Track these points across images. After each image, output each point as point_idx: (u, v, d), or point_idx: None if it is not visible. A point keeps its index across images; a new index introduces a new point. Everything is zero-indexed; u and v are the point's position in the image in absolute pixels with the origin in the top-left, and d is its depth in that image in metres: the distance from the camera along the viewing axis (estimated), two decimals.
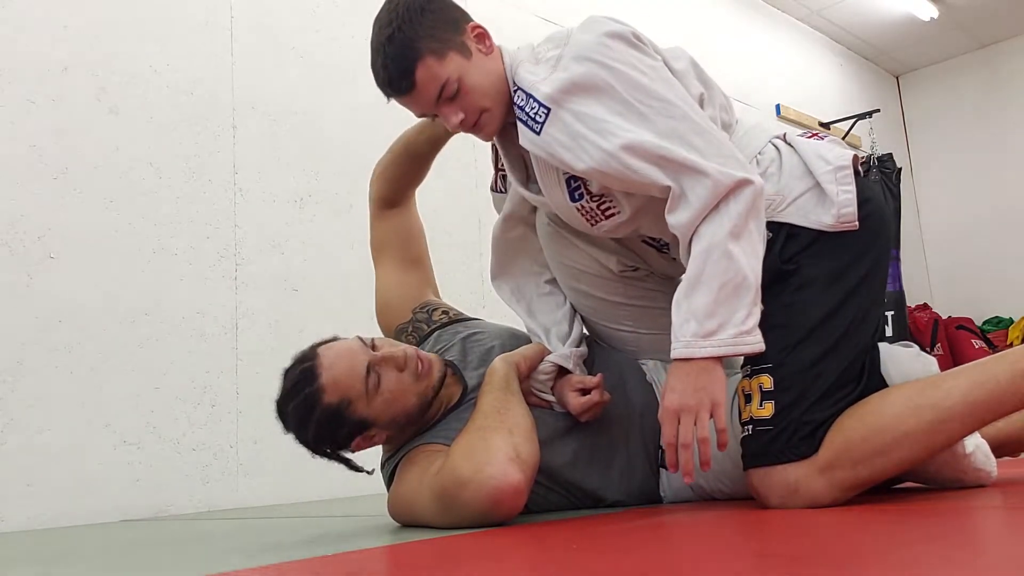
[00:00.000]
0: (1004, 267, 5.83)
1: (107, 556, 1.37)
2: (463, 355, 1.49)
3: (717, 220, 1.16)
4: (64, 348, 2.19)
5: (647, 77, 1.22)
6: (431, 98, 1.28)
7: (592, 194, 1.31)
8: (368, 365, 1.29)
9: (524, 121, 1.27)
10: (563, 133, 1.22)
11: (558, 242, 1.47)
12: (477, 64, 1.29)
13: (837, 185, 1.26)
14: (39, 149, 2.24)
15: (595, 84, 1.21)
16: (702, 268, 1.16)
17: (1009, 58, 6.04)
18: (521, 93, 1.28)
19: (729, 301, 1.15)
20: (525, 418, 1.29)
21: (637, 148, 1.18)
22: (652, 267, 1.49)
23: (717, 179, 1.16)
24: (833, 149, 1.31)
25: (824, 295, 1.23)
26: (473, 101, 1.29)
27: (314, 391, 1.28)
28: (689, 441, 1.15)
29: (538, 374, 1.42)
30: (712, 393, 1.15)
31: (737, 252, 1.15)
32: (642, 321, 1.51)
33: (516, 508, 1.19)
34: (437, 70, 1.26)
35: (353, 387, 1.28)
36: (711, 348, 1.15)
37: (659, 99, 1.21)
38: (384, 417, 1.32)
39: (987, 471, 1.29)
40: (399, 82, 1.27)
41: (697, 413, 1.15)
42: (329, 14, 2.97)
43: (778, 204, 1.28)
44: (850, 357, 1.22)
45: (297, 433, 1.33)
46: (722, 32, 4.88)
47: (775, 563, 0.77)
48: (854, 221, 1.24)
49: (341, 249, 2.85)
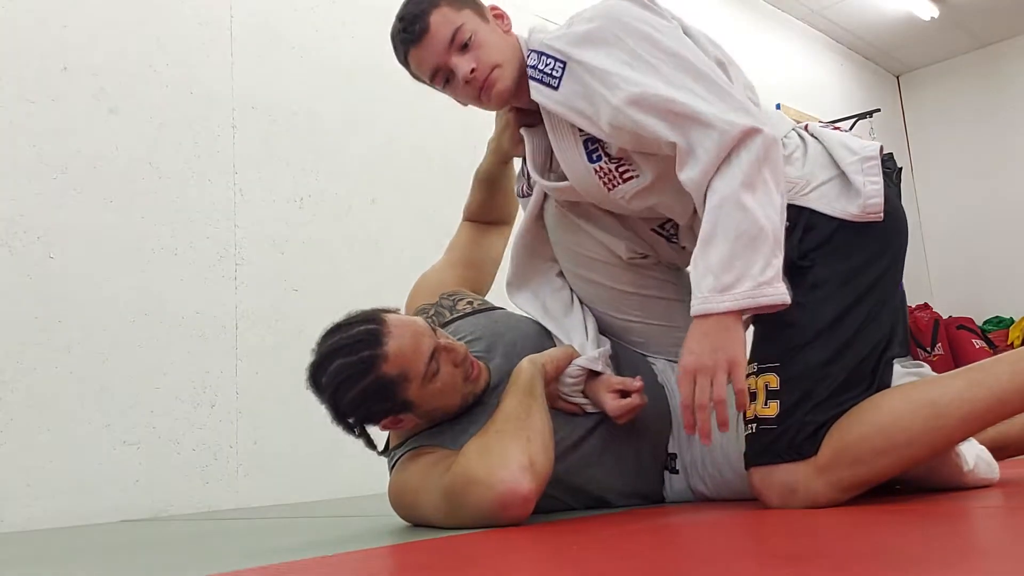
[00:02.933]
0: (1004, 267, 5.83)
1: (107, 556, 1.37)
2: (488, 349, 1.45)
3: (729, 173, 1.15)
4: (64, 348, 2.19)
5: (658, 32, 1.23)
6: (444, 42, 1.31)
7: (610, 156, 1.31)
8: (434, 350, 1.26)
9: (539, 79, 1.28)
10: (580, 85, 1.24)
11: (567, 227, 1.45)
12: (492, 29, 1.36)
13: (864, 176, 1.25)
14: (39, 149, 2.24)
15: (604, 37, 1.23)
16: (716, 222, 1.15)
17: (1009, 58, 6.03)
18: (534, 54, 1.30)
19: (745, 253, 1.12)
20: (544, 426, 1.26)
21: (642, 101, 1.18)
22: (661, 256, 1.47)
23: (723, 130, 1.15)
24: (859, 140, 1.31)
25: (835, 296, 1.22)
26: (485, 54, 1.31)
27: (375, 356, 1.22)
28: (705, 402, 1.12)
29: (566, 377, 1.39)
30: (730, 352, 1.12)
31: (751, 203, 1.13)
32: (650, 311, 1.49)
33: (523, 516, 1.18)
34: (452, 16, 1.31)
35: (415, 365, 1.24)
36: (729, 302, 1.12)
37: (667, 51, 1.21)
38: (427, 406, 1.29)
39: (990, 479, 1.29)
40: (413, 26, 1.31)
41: (714, 373, 1.12)
42: (329, 14, 2.97)
43: (802, 187, 1.26)
44: (858, 359, 1.21)
45: (334, 392, 1.23)
46: (722, 32, 4.86)
47: (775, 563, 0.77)
48: (880, 212, 1.23)
49: (341, 249, 2.85)
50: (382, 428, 1.31)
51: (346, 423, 1.27)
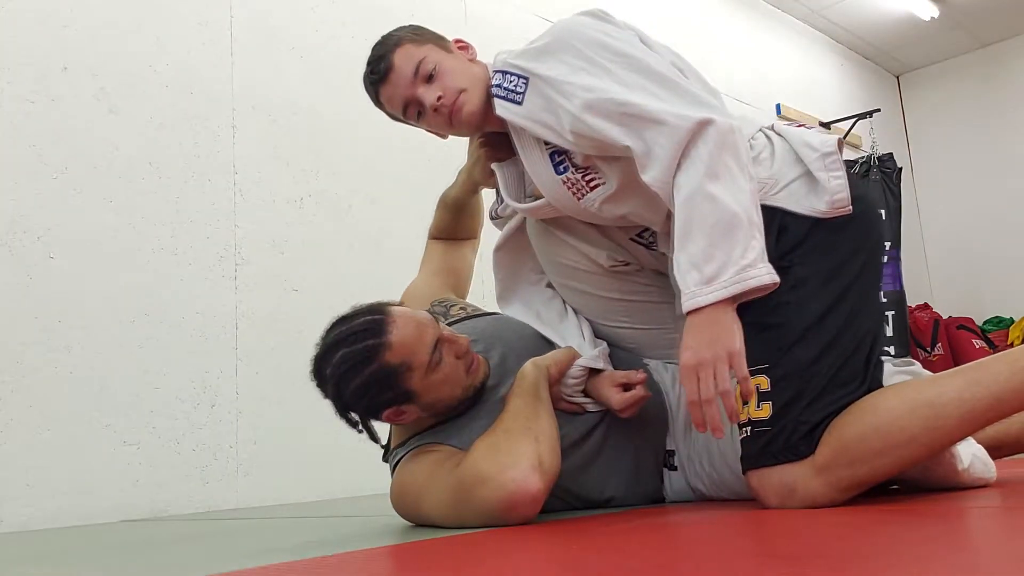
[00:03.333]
0: (1004, 267, 5.83)
1: (107, 556, 1.37)
2: (486, 349, 1.46)
3: (690, 166, 1.16)
4: (64, 348, 2.19)
5: (611, 38, 1.26)
6: (408, 76, 1.36)
7: (577, 166, 1.33)
8: (437, 340, 1.28)
9: (504, 96, 1.31)
10: (542, 98, 1.27)
11: (548, 240, 1.47)
12: (456, 58, 1.40)
13: (827, 172, 1.26)
14: (39, 149, 2.24)
15: (559, 47, 1.26)
16: (689, 216, 1.16)
17: (1009, 58, 6.03)
18: (498, 74, 1.34)
19: (723, 241, 1.13)
20: (552, 428, 1.27)
21: (596, 106, 1.21)
22: (643, 263, 1.48)
23: (676, 125, 1.16)
24: (818, 136, 1.32)
25: (818, 294, 1.23)
26: (450, 81, 1.35)
27: (379, 344, 1.23)
28: (710, 396, 1.13)
29: (568, 378, 1.41)
30: (726, 343, 1.13)
31: (718, 191, 1.14)
32: (638, 316, 1.50)
33: (530, 515, 1.19)
34: (413, 51, 1.37)
35: (418, 355, 1.25)
36: (717, 291, 1.13)
37: (619, 53, 1.24)
38: (429, 397, 1.29)
39: (986, 479, 1.29)
40: (378, 65, 1.38)
41: (715, 366, 1.13)
42: (329, 14, 2.97)
43: (771, 188, 1.28)
44: (846, 355, 1.21)
45: (337, 382, 1.24)
46: (722, 32, 4.88)
47: (775, 563, 0.77)
48: (847, 206, 1.24)
49: (341, 249, 2.85)
50: (384, 420, 1.30)
51: (348, 415, 1.28)
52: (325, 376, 1.25)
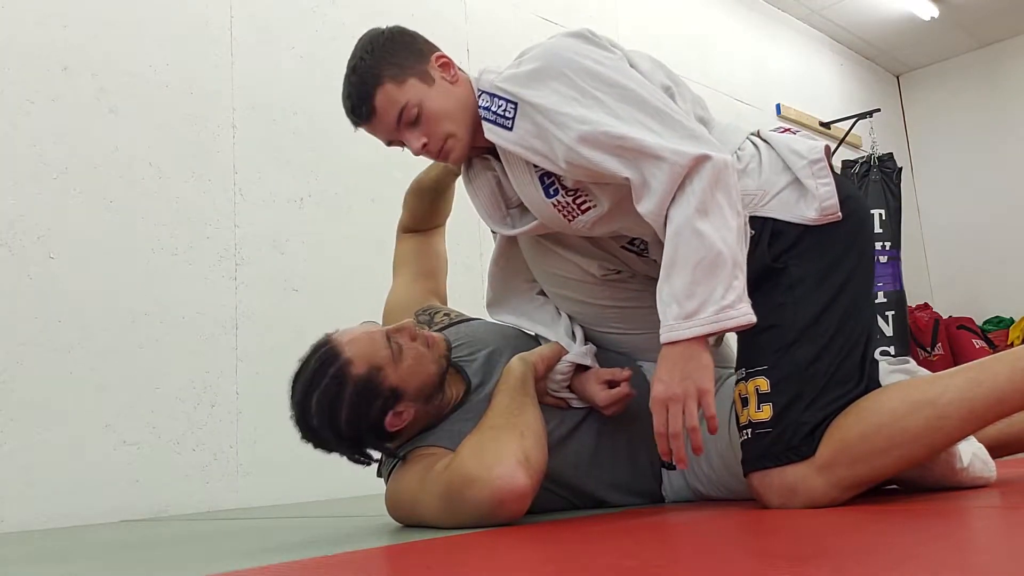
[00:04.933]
0: (1004, 267, 5.83)
1: (107, 556, 1.37)
2: (468, 355, 1.48)
3: (684, 201, 1.17)
4: (64, 348, 2.19)
5: (602, 66, 1.24)
6: (391, 123, 1.32)
7: (567, 189, 1.32)
8: (387, 334, 1.30)
9: (493, 121, 1.28)
10: (533, 125, 1.25)
11: (540, 251, 1.46)
12: (440, 90, 1.32)
13: (815, 179, 1.26)
14: (39, 149, 2.24)
15: (550, 75, 1.23)
16: (676, 250, 1.17)
17: (1009, 58, 6.03)
18: (485, 95, 1.30)
19: (706, 279, 1.14)
20: (537, 422, 1.29)
21: (591, 139, 1.20)
22: (635, 270, 1.49)
23: (673, 161, 1.16)
24: (804, 142, 1.32)
25: (814, 294, 1.23)
26: (435, 126, 1.31)
27: (342, 365, 1.25)
28: (678, 431, 1.15)
29: (555, 374, 1.42)
30: (698, 380, 1.15)
31: (706, 229, 1.15)
32: (631, 322, 1.50)
33: (520, 511, 1.19)
34: (395, 95, 1.30)
35: (378, 353, 1.27)
36: (694, 328, 1.15)
37: (612, 84, 1.23)
38: (412, 384, 1.30)
39: (986, 478, 1.29)
40: (360, 108, 1.32)
41: (684, 402, 1.15)
42: (329, 14, 2.97)
43: (760, 199, 1.28)
44: (843, 354, 1.22)
45: (330, 425, 1.25)
46: (722, 32, 4.88)
47: (775, 563, 0.77)
48: (837, 212, 1.25)
49: (341, 249, 2.85)
50: (389, 428, 1.30)
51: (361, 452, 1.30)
52: (315, 428, 1.27)
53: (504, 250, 1.54)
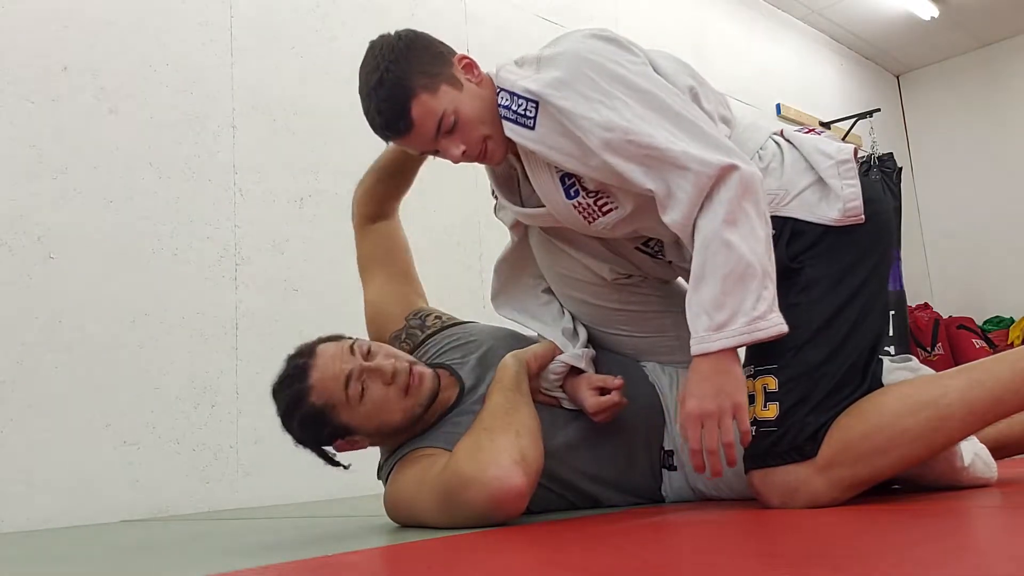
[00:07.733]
0: (1004, 266, 5.82)
1: (107, 556, 1.37)
2: (462, 357, 1.48)
3: (711, 211, 1.16)
4: (64, 348, 2.19)
5: (626, 70, 1.22)
6: (430, 134, 1.27)
7: (588, 190, 1.31)
8: (349, 374, 1.29)
9: (513, 120, 1.26)
10: (555, 124, 1.23)
11: (550, 251, 1.46)
12: (470, 93, 1.29)
13: (841, 179, 1.25)
14: (39, 149, 2.24)
15: (574, 77, 1.21)
16: (704, 261, 1.16)
17: (1009, 58, 6.03)
18: (504, 93, 1.28)
19: (735, 290, 1.14)
20: (532, 421, 1.28)
21: (616, 145, 1.18)
22: (646, 273, 1.48)
23: (699, 171, 1.15)
24: (832, 143, 1.31)
25: (829, 296, 1.23)
26: (472, 131, 1.28)
27: (302, 389, 1.30)
28: (715, 447, 1.14)
29: (548, 373, 1.42)
30: (732, 395, 1.14)
31: (735, 239, 1.14)
32: (638, 325, 1.50)
33: (517, 511, 1.19)
34: (432, 105, 1.25)
35: (335, 393, 1.29)
36: (725, 340, 1.14)
37: (638, 89, 1.21)
38: (367, 427, 1.33)
39: (987, 478, 1.29)
40: (396, 123, 1.26)
41: (720, 418, 1.14)
42: (329, 14, 2.97)
43: (782, 198, 1.27)
44: (852, 359, 1.21)
45: (283, 421, 1.35)
46: (722, 32, 4.87)
47: (775, 563, 0.77)
48: (860, 215, 1.24)
49: (341, 249, 2.84)
50: (338, 450, 1.36)
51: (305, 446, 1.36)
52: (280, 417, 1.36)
53: (516, 247, 1.53)
